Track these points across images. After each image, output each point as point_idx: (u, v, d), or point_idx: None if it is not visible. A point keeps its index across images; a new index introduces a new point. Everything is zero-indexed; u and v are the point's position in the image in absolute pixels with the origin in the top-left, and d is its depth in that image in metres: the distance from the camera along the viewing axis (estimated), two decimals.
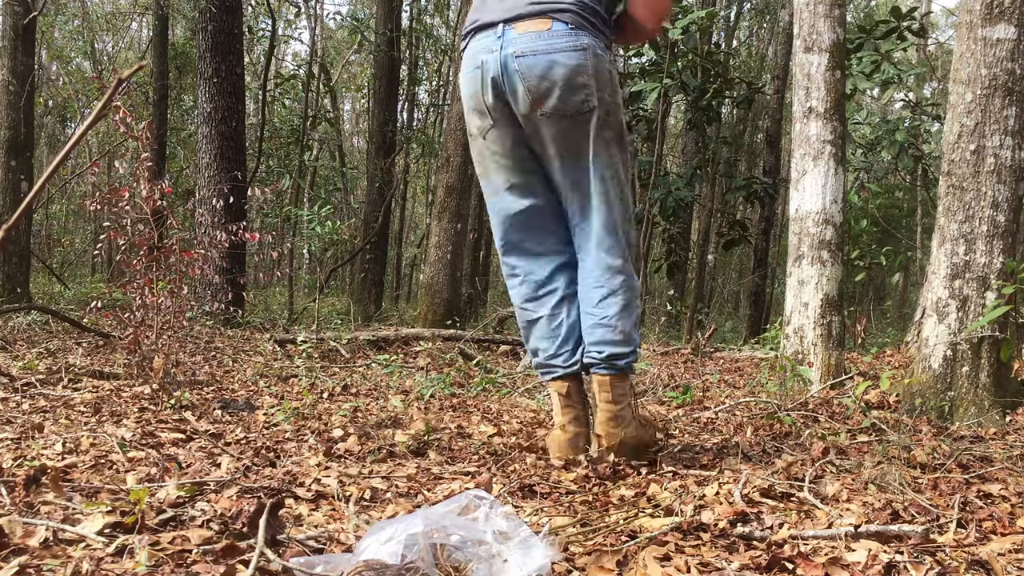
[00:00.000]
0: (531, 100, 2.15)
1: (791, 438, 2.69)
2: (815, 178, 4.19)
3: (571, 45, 2.14)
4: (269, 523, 1.41)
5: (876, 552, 1.46)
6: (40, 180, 2.58)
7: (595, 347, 2.24)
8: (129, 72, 2.50)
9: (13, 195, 7.24)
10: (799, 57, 4.32)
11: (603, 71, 2.18)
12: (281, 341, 5.36)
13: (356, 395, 3.54)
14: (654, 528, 1.60)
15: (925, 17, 14.71)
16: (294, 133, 13.43)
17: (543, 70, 2.13)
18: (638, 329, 2.30)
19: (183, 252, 3.72)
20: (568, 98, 2.14)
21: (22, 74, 7.38)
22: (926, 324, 3.35)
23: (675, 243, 10.66)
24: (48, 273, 12.08)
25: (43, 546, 1.34)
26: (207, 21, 7.81)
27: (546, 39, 2.14)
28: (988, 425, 3.03)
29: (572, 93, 2.14)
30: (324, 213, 8.66)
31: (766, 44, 17.51)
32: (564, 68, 2.13)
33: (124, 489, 1.71)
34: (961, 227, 3.23)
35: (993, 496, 1.93)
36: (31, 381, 3.26)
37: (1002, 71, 3.19)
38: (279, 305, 11.02)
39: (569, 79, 2.13)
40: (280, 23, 15.44)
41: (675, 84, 9.21)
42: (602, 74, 2.17)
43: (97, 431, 2.39)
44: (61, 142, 15.89)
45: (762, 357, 5.45)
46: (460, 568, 1.28)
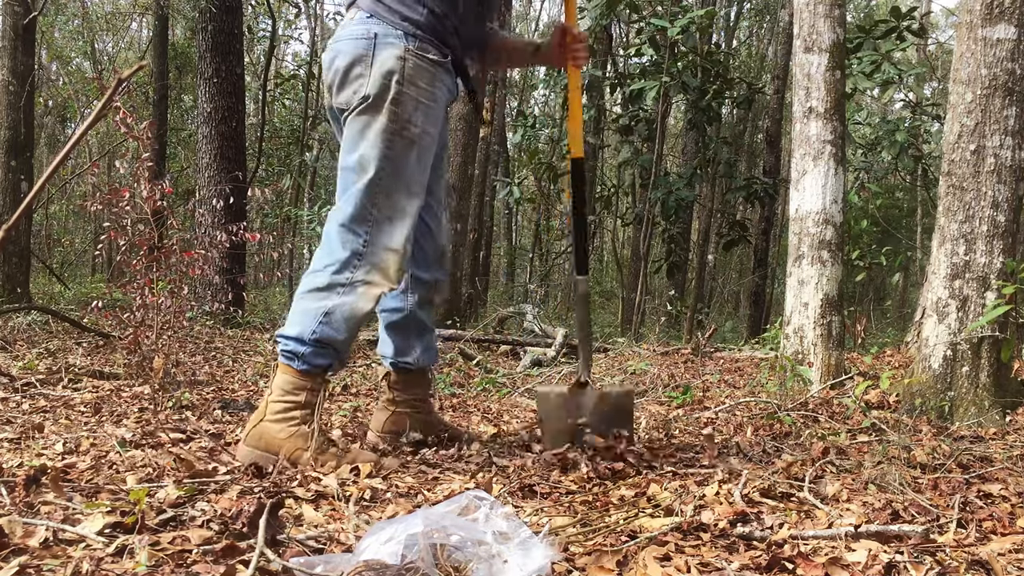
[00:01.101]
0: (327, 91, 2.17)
1: (791, 438, 2.69)
2: (815, 178, 4.19)
3: (357, 33, 2.10)
4: (269, 523, 1.41)
5: (876, 552, 1.46)
6: (40, 180, 2.58)
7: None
8: (129, 72, 2.50)
9: (13, 195, 7.23)
10: (799, 57, 4.32)
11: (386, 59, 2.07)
12: None
13: (356, 395, 3.54)
14: (654, 528, 1.60)
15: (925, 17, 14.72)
16: (294, 133, 13.44)
17: (330, 59, 2.14)
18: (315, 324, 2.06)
19: (183, 252, 3.72)
20: (342, 89, 2.11)
21: (22, 74, 7.38)
22: (926, 324, 3.35)
23: (675, 243, 10.66)
24: (48, 273, 12.08)
25: (43, 546, 1.34)
26: (207, 21, 7.81)
27: (343, 28, 2.14)
28: (988, 425, 3.03)
29: (346, 84, 2.10)
30: (324, 213, 8.66)
31: (766, 44, 17.52)
32: (345, 57, 2.10)
33: (124, 489, 1.71)
34: (961, 227, 3.24)
35: (993, 496, 1.93)
36: (31, 381, 3.26)
37: (1002, 71, 3.19)
38: (279, 305, 11.02)
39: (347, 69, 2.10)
40: (280, 23, 15.44)
41: (675, 84, 9.22)
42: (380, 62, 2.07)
43: (97, 431, 2.39)
44: (61, 142, 15.89)
45: (762, 357, 5.45)
46: (460, 568, 1.28)
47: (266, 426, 2.05)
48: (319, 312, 2.06)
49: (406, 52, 2.08)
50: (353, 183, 2.09)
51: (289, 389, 2.07)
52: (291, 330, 2.08)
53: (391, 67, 2.07)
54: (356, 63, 2.09)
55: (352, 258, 2.07)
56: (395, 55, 2.07)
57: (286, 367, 2.09)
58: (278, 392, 2.08)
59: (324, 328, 2.06)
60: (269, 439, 2.04)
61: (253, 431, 2.05)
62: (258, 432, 2.05)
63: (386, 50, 2.08)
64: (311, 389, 2.08)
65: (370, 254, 2.07)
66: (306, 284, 2.10)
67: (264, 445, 2.03)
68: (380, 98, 2.07)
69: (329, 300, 2.06)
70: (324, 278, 2.08)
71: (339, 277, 2.07)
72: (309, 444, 2.03)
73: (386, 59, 2.07)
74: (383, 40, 2.08)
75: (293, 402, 2.06)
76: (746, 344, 7.39)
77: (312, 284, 2.09)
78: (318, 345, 2.06)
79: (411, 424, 2.42)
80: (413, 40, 2.10)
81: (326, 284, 2.07)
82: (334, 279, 2.07)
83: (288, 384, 2.08)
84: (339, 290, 2.07)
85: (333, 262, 2.08)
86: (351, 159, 2.10)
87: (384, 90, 2.07)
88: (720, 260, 16.87)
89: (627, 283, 12.12)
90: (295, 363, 2.07)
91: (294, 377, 2.08)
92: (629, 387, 2.73)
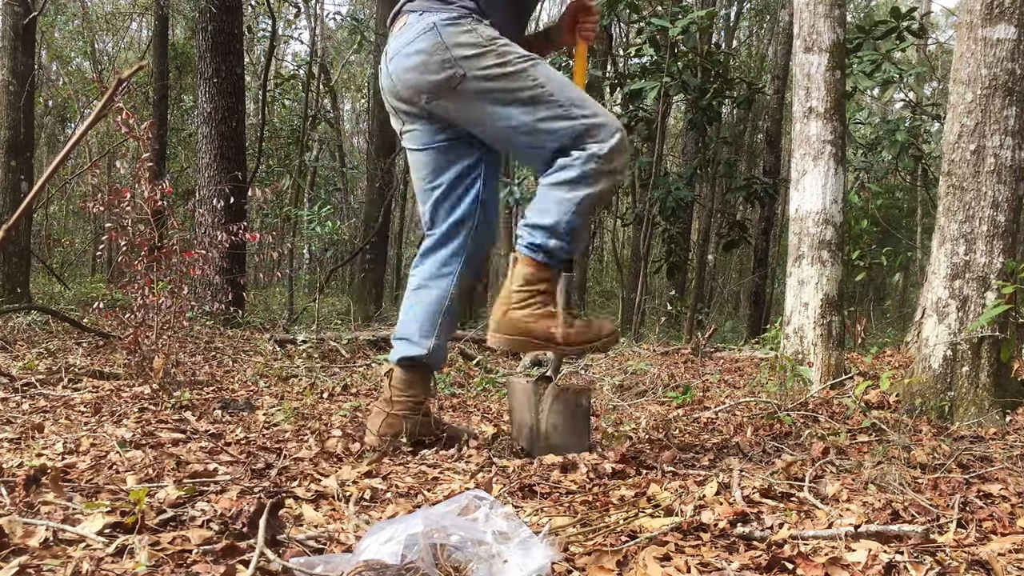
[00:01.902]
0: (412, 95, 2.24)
1: (791, 438, 2.69)
2: (815, 178, 4.19)
3: (419, 31, 2.20)
4: (269, 523, 1.41)
5: (876, 552, 1.46)
6: (40, 180, 2.58)
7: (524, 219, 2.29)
8: (129, 72, 2.50)
9: (13, 195, 7.24)
10: (799, 57, 4.32)
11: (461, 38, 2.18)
12: (281, 341, 5.36)
13: (356, 395, 3.54)
14: (654, 528, 1.60)
15: (925, 17, 14.71)
16: (294, 133, 13.44)
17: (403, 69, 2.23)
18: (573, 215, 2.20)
19: (183, 252, 3.72)
20: (435, 79, 2.19)
21: (22, 74, 7.38)
22: (926, 324, 3.35)
23: (675, 243, 10.66)
24: (48, 273, 12.08)
25: (43, 546, 1.34)
26: (207, 21, 7.81)
27: (401, 35, 2.24)
28: (988, 425, 3.03)
29: (435, 73, 2.18)
30: (324, 213, 8.66)
31: (766, 44, 17.52)
32: (420, 55, 2.19)
33: (124, 489, 1.71)
34: (961, 227, 3.23)
35: (993, 496, 1.93)
36: (31, 381, 3.26)
37: (1002, 71, 3.19)
38: (279, 305, 11.03)
39: (425, 61, 2.18)
40: (280, 23, 15.44)
41: (675, 84, 9.22)
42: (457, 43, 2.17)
43: (97, 431, 2.39)
44: (61, 142, 15.89)
45: (762, 357, 5.45)
46: (460, 568, 1.28)
47: (514, 314, 2.20)
48: (572, 202, 2.16)
49: (469, 23, 2.19)
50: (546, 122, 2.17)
51: (533, 280, 2.21)
52: (543, 219, 2.18)
53: (464, 39, 2.17)
54: (435, 52, 2.17)
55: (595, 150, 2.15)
56: (462, 29, 2.18)
57: (530, 259, 2.21)
58: (520, 282, 2.21)
59: (575, 218, 2.17)
60: (520, 324, 2.20)
61: (504, 320, 2.21)
62: (508, 320, 2.21)
63: (452, 27, 2.18)
64: (551, 279, 2.23)
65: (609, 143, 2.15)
66: (555, 177, 2.18)
67: (515, 330, 2.21)
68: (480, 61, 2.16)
69: (580, 191, 2.16)
70: (573, 172, 2.16)
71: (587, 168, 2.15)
72: (557, 322, 2.20)
73: (456, 34, 2.17)
74: (444, 23, 2.18)
75: (535, 291, 2.21)
76: (746, 344, 7.40)
77: (562, 177, 2.17)
78: (568, 236, 2.18)
79: (407, 427, 2.40)
80: (469, 17, 2.21)
81: (577, 176, 2.16)
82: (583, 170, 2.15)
83: (532, 276, 2.21)
84: (588, 180, 2.16)
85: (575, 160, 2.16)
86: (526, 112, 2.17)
87: (481, 56, 2.16)
88: (720, 260, 16.87)
89: (627, 283, 12.12)
90: (539, 255, 2.20)
91: (537, 270, 2.21)
92: (587, 386, 2.74)
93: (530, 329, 2.21)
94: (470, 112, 2.23)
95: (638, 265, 10.78)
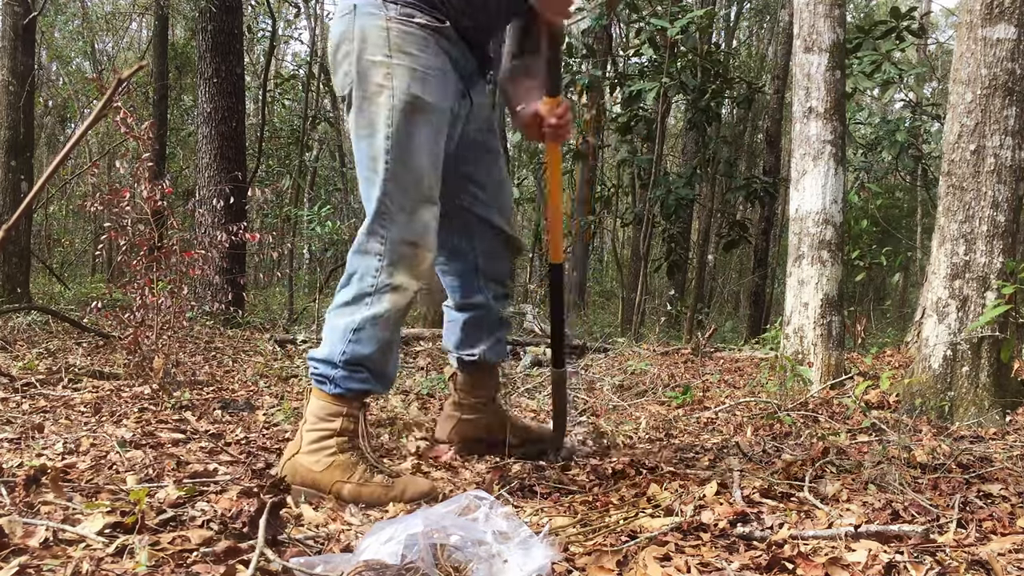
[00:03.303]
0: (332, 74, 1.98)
1: (791, 438, 2.69)
2: (815, 178, 4.19)
3: (342, 9, 1.92)
4: (269, 523, 1.41)
5: (876, 552, 1.46)
6: (40, 180, 2.58)
7: None
8: (129, 72, 2.50)
9: (13, 195, 7.23)
10: (799, 57, 4.32)
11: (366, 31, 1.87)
12: (281, 341, 5.36)
13: None
14: (654, 528, 1.60)
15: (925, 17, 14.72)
16: (294, 133, 13.43)
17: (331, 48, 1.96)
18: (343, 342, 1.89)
19: (183, 252, 3.72)
20: (335, 73, 1.94)
21: (22, 74, 7.38)
22: (926, 324, 3.35)
23: (675, 243, 10.66)
24: (48, 273, 12.08)
25: (43, 546, 1.34)
26: (207, 21, 7.81)
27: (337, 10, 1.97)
28: (988, 425, 3.03)
29: (337, 67, 1.93)
30: (324, 213, 8.66)
31: (766, 44, 17.51)
32: (331, 39, 1.93)
33: (124, 489, 1.71)
34: (961, 227, 3.23)
35: (993, 496, 1.94)
36: (31, 381, 3.26)
37: (1002, 71, 3.19)
38: (279, 305, 11.02)
39: (334, 51, 1.93)
40: (280, 23, 15.45)
41: (675, 84, 9.21)
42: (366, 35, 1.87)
43: (97, 431, 2.39)
44: (61, 142, 15.89)
45: (762, 357, 5.45)
46: (460, 568, 1.28)
47: (300, 459, 1.86)
48: (347, 329, 1.88)
49: (388, 21, 1.87)
50: (365, 177, 1.91)
51: (323, 415, 1.89)
52: (320, 352, 1.91)
53: (374, 38, 1.86)
54: (342, 42, 1.90)
55: (374, 262, 1.89)
56: (377, 24, 1.87)
57: (318, 391, 1.91)
58: (312, 420, 1.90)
59: (354, 347, 1.87)
60: (304, 473, 1.85)
61: (287, 464, 1.88)
62: (291, 466, 1.87)
63: (366, 20, 1.87)
64: (347, 415, 1.89)
65: (390, 252, 1.87)
66: (336, 300, 1.93)
67: (299, 480, 1.84)
68: (367, 75, 1.87)
69: (357, 314, 1.88)
70: (351, 291, 1.90)
71: (364, 285, 1.89)
72: (350, 475, 1.83)
73: (368, 30, 1.87)
74: (362, 11, 1.88)
75: (328, 430, 1.87)
76: (746, 344, 7.39)
77: (340, 299, 1.92)
78: (350, 366, 1.88)
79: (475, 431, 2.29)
80: (394, 6, 1.88)
81: (353, 297, 1.90)
82: (360, 288, 1.89)
83: (321, 410, 1.89)
84: (367, 300, 1.88)
85: (356, 270, 1.91)
86: (360, 151, 1.91)
87: (371, 65, 1.86)
88: (720, 260, 16.87)
89: (627, 283, 12.12)
90: (327, 387, 1.89)
91: (327, 402, 1.89)
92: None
93: (317, 481, 1.83)
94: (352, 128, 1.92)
95: (638, 265, 10.78)
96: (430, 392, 3.59)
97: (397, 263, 1.88)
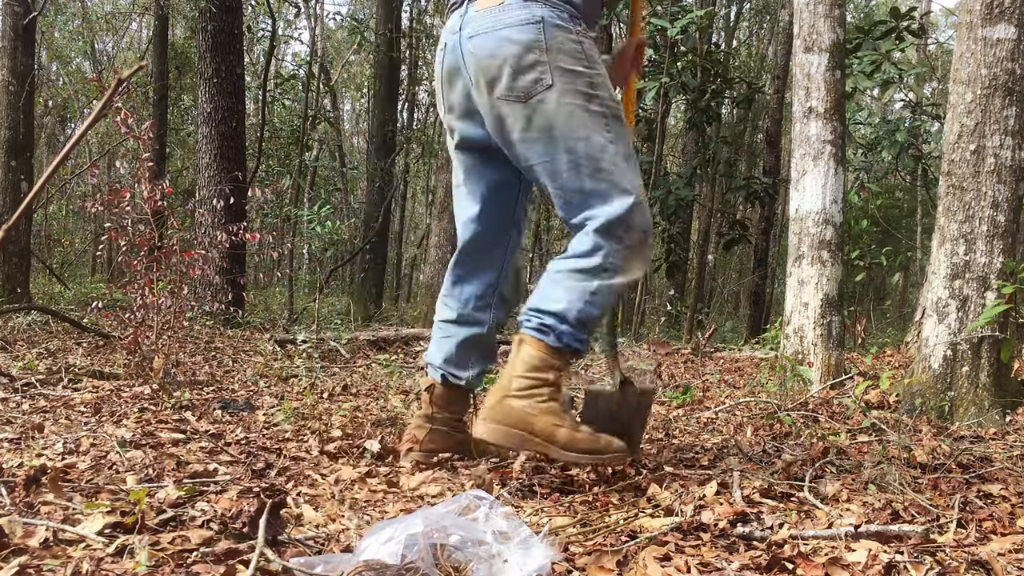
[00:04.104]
0: (485, 83, 1.99)
1: (791, 438, 2.69)
2: (815, 178, 4.19)
3: (521, 19, 1.97)
4: (269, 523, 1.41)
5: (876, 552, 1.46)
6: (40, 180, 2.58)
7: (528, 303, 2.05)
8: (129, 72, 2.50)
9: (13, 195, 7.24)
10: (799, 57, 4.32)
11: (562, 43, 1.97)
12: (281, 341, 5.36)
13: (356, 395, 3.54)
14: (654, 528, 1.60)
15: (925, 17, 14.71)
16: (294, 133, 13.43)
17: (492, 50, 1.98)
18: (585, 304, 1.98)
19: (183, 252, 3.72)
20: (517, 78, 1.96)
21: (22, 74, 7.38)
22: (926, 324, 3.35)
23: (675, 243, 10.66)
24: (48, 273, 12.08)
25: (43, 546, 1.34)
26: (207, 21, 7.81)
27: (497, 14, 1.99)
28: (988, 425, 3.04)
29: (523, 72, 1.96)
30: (324, 213, 8.66)
31: (766, 44, 17.52)
32: (516, 45, 1.96)
33: (124, 489, 1.71)
34: (961, 227, 3.24)
35: (993, 496, 1.94)
36: (31, 381, 3.26)
37: (1002, 71, 3.19)
38: (279, 305, 11.02)
39: (522, 56, 1.96)
40: (280, 23, 15.45)
41: (675, 84, 9.22)
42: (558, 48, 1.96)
43: (97, 431, 2.39)
44: (61, 142, 15.89)
45: (762, 357, 5.45)
46: (460, 568, 1.28)
47: (512, 402, 1.93)
48: (586, 291, 1.97)
49: (578, 35, 2.00)
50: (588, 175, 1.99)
51: (540, 365, 1.96)
52: (553, 305, 1.97)
53: (569, 50, 1.98)
54: (531, 49, 1.96)
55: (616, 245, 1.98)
56: (570, 37, 1.99)
57: (537, 342, 1.97)
58: (524, 367, 1.96)
59: (588, 308, 1.97)
60: (518, 414, 1.92)
61: (498, 407, 1.93)
62: (504, 408, 1.93)
63: (558, 32, 1.98)
64: (559, 369, 1.97)
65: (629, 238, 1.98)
66: (569, 264, 2.01)
67: (513, 421, 1.92)
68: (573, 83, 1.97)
69: (595, 280, 1.97)
70: (591, 261, 1.98)
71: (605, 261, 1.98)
72: (564, 421, 1.92)
73: (563, 43, 1.97)
74: (551, 23, 1.98)
75: (541, 379, 1.95)
76: (746, 344, 7.39)
77: (576, 265, 2.00)
78: (579, 325, 1.97)
79: (447, 444, 2.27)
80: (578, 22, 2.02)
81: (592, 267, 1.98)
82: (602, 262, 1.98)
83: (539, 360, 1.96)
84: (605, 273, 1.98)
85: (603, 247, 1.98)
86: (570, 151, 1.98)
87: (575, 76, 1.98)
88: (720, 260, 16.87)
89: None
90: (549, 338, 1.96)
91: (546, 354, 1.96)
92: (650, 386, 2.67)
93: (530, 423, 1.92)
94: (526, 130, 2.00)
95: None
96: None
97: (634, 249, 2.00)
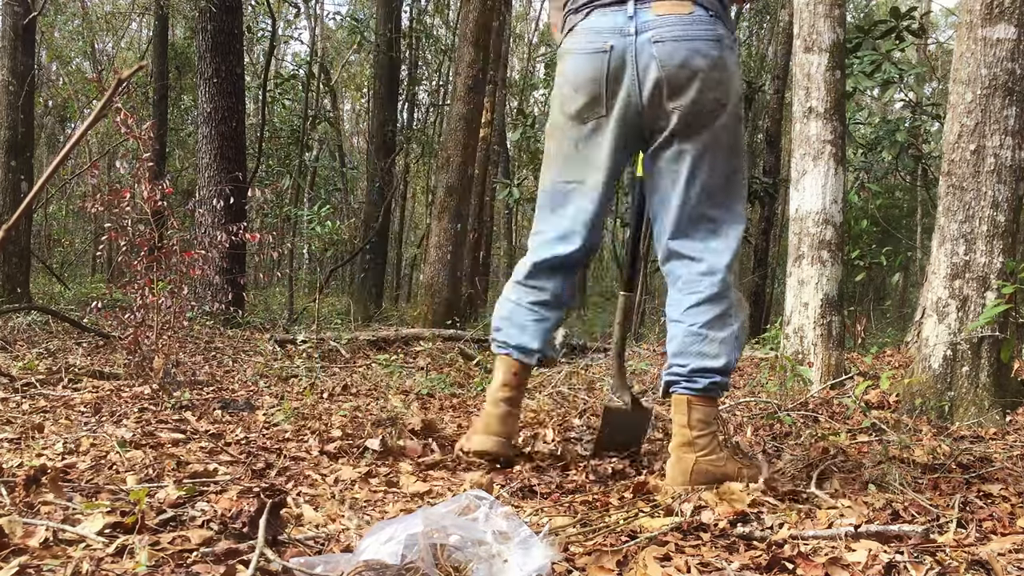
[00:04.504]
0: (667, 92, 1.97)
1: (791, 438, 2.69)
2: (815, 178, 4.19)
3: (712, 35, 1.98)
4: (269, 523, 1.41)
5: (876, 552, 1.46)
6: (40, 180, 2.58)
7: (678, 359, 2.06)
8: (129, 72, 2.50)
9: (13, 195, 7.24)
10: (799, 57, 4.32)
11: (734, 66, 2.03)
12: (281, 341, 5.36)
13: (356, 395, 3.54)
14: (654, 528, 1.60)
15: (925, 17, 14.70)
16: (294, 133, 13.44)
17: (684, 59, 1.96)
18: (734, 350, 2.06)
19: (183, 252, 3.72)
20: (706, 93, 1.98)
21: (22, 74, 7.38)
22: (926, 324, 3.35)
23: None
24: (48, 273, 12.08)
25: (43, 546, 1.34)
26: (207, 21, 7.81)
27: (688, 24, 1.97)
28: (988, 425, 3.04)
29: (710, 89, 1.98)
30: (324, 213, 8.67)
31: (766, 44, 17.51)
32: (706, 60, 1.97)
33: (124, 489, 1.71)
34: (961, 227, 3.23)
35: (993, 496, 1.94)
36: (31, 381, 3.26)
37: (1002, 71, 3.19)
38: (279, 305, 11.03)
39: (709, 73, 1.97)
40: (280, 23, 15.45)
41: None
42: (733, 70, 2.03)
43: (97, 431, 2.39)
44: (61, 142, 15.90)
45: (762, 357, 5.45)
46: (460, 568, 1.28)
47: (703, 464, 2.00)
48: (733, 338, 2.05)
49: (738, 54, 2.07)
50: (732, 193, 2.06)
51: (710, 420, 2.04)
52: (714, 363, 2.03)
53: (737, 73, 2.04)
54: (723, 66, 2.00)
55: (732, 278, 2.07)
56: (736, 61, 2.04)
57: (707, 400, 2.04)
58: (702, 427, 2.03)
59: (737, 352, 2.06)
60: (714, 471, 2.00)
61: (696, 470, 1.99)
62: (703, 471, 2.00)
63: (733, 55, 2.04)
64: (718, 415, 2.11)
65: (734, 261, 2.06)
66: (704, 316, 2.04)
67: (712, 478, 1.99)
68: (737, 104, 2.04)
69: (734, 323, 2.06)
70: (724, 305, 2.04)
71: (732, 300, 2.05)
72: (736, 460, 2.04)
73: (734, 65, 2.03)
74: (729, 44, 2.02)
75: (712, 432, 2.04)
76: (746, 344, 7.39)
77: (713, 313, 2.03)
78: (729, 372, 2.05)
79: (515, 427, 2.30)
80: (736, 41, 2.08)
81: (723, 311, 2.04)
82: (730, 302, 2.05)
83: (712, 415, 2.05)
84: (732, 312, 2.05)
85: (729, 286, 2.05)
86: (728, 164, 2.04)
87: (739, 98, 2.05)
88: None
89: None
90: (715, 393, 2.05)
91: (714, 408, 2.06)
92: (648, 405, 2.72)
93: (727, 473, 2.00)
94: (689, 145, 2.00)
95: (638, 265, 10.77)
96: (430, 392, 3.59)
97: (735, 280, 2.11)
